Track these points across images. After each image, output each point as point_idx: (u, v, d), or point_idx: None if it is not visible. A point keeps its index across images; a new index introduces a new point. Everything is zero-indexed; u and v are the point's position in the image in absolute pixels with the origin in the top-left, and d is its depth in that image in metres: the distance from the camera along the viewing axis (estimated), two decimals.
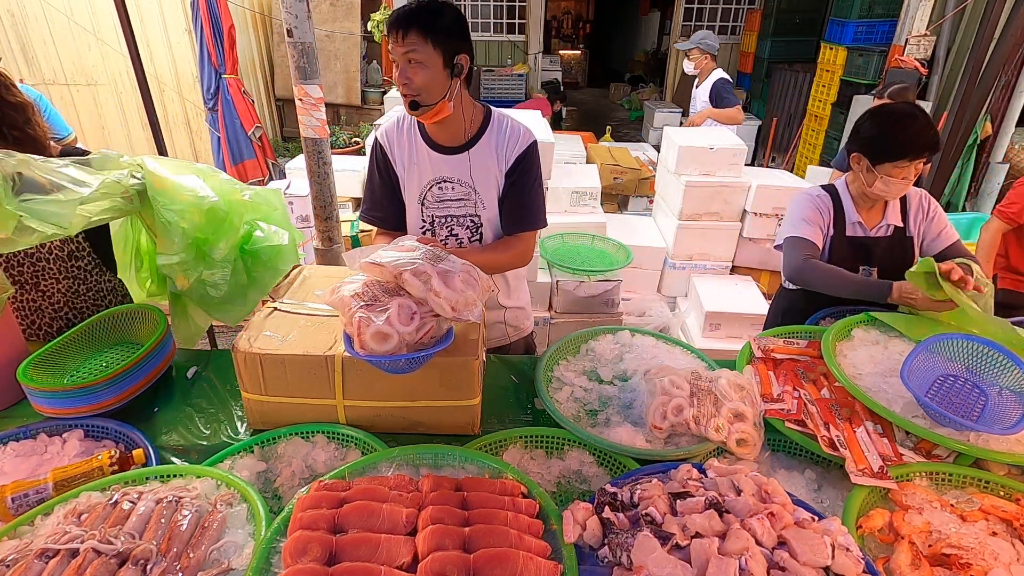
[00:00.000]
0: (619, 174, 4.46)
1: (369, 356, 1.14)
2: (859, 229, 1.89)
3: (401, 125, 1.67)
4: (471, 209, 1.68)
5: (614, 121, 9.70)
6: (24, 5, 5.39)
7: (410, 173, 1.67)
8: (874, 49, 6.02)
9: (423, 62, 1.45)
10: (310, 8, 2.39)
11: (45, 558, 0.92)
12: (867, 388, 1.37)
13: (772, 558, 0.89)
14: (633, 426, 1.33)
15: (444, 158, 1.63)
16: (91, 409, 1.36)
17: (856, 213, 1.88)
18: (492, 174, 1.65)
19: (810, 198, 1.92)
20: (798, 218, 1.89)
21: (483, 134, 1.64)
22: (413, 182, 1.67)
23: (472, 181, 1.65)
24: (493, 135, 1.64)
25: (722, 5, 9.26)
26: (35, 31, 5.53)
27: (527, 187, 1.67)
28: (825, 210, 1.88)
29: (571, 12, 15.06)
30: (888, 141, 1.73)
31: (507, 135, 1.64)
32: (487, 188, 1.66)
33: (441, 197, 1.67)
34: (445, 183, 1.65)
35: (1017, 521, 1.07)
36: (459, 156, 1.63)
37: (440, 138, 1.63)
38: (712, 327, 3.18)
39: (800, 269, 1.80)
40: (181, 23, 5.46)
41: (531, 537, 0.95)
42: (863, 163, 1.79)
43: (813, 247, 1.83)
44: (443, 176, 1.65)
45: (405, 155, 1.66)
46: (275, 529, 0.97)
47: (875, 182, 1.77)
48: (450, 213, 1.69)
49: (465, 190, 1.66)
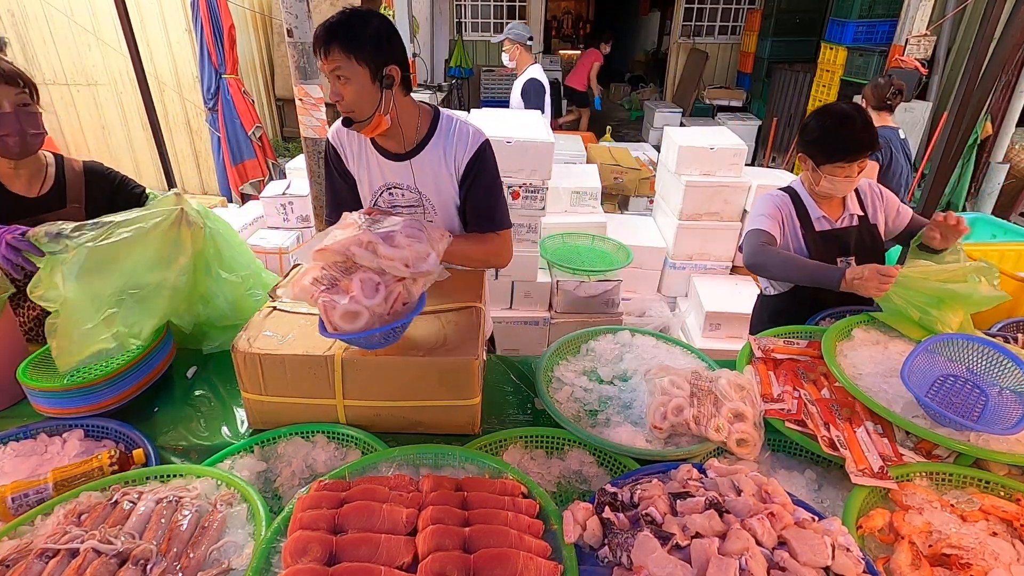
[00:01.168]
0: (619, 174, 4.46)
1: (344, 335, 1.14)
2: (825, 223, 1.91)
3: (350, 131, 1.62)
4: (421, 215, 1.66)
5: (614, 121, 9.70)
6: (24, 5, 5.39)
7: (361, 177, 1.66)
8: (874, 49, 6.03)
9: (350, 78, 1.41)
10: (310, 8, 2.39)
11: (45, 558, 0.92)
12: (867, 388, 1.37)
13: (772, 558, 0.89)
14: (633, 426, 1.33)
15: (391, 164, 1.61)
16: (91, 409, 1.36)
17: (818, 208, 1.91)
18: (442, 180, 1.62)
19: (770, 197, 1.96)
20: (757, 214, 1.93)
21: (430, 139, 1.60)
22: (364, 187, 1.66)
23: (420, 188, 1.62)
24: (440, 140, 1.60)
25: (722, 5, 9.26)
26: (35, 31, 5.52)
27: (484, 189, 1.63)
28: (784, 207, 1.92)
29: (571, 12, 15.07)
30: (828, 143, 1.78)
31: (455, 139, 1.59)
32: (436, 195, 1.63)
33: (392, 203, 1.66)
34: (395, 189, 1.64)
35: (1017, 521, 1.07)
36: (407, 162, 1.60)
37: (386, 145, 1.61)
38: (712, 327, 3.18)
39: (756, 254, 1.82)
40: (181, 23, 5.45)
41: (531, 537, 0.95)
42: (808, 163, 1.85)
43: (771, 237, 1.86)
44: (392, 182, 1.63)
45: (356, 159, 1.64)
46: (275, 529, 0.97)
47: (820, 181, 1.82)
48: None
49: (415, 196, 1.64)
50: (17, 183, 1.60)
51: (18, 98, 1.49)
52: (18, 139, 1.50)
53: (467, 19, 9.53)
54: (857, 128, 1.74)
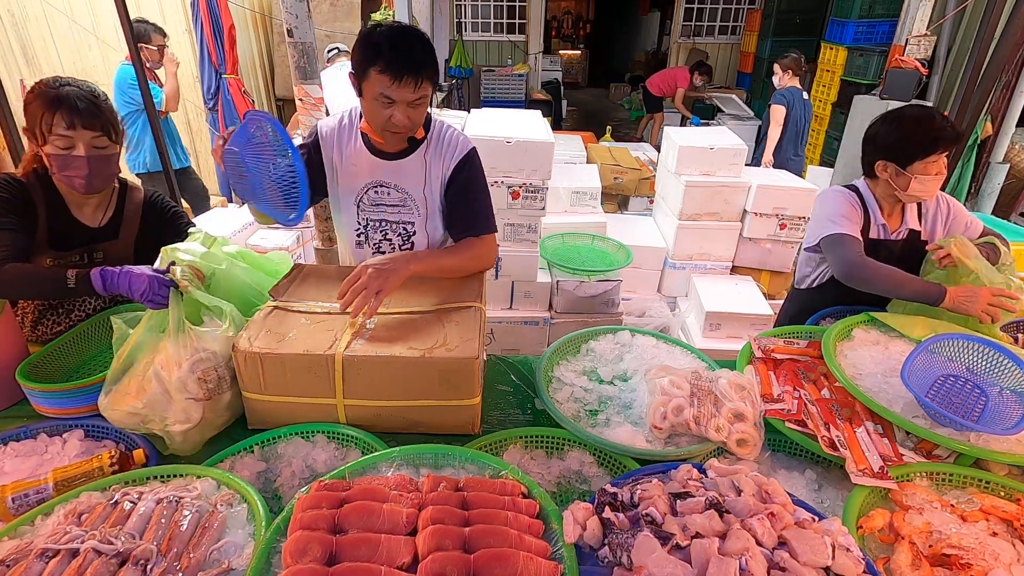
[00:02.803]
0: (619, 174, 4.46)
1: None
2: (882, 232, 1.86)
3: (342, 125, 1.65)
4: (406, 216, 1.68)
5: (614, 121, 9.70)
6: (24, 5, 5.39)
7: (346, 173, 1.65)
8: (874, 49, 6.03)
9: (426, 102, 1.47)
10: (310, 8, 2.39)
11: (45, 558, 0.92)
12: (867, 388, 1.37)
13: (772, 558, 0.89)
14: (633, 426, 1.33)
15: (381, 163, 1.63)
16: (91, 409, 1.36)
17: (880, 216, 1.86)
18: (429, 182, 1.65)
19: (841, 195, 1.87)
20: (836, 214, 1.83)
21: (422, 142, 1.63)
22: (349, 184, 1.66)
23: (407, 187, 1.64)
24: (431, 144, 1.64)
25: (722, 5, 9.27)
26: (35, 31, 5.52)
27: (471, 193, 1.66)
28: (857, 207, 1.85)
29: (571, 12, 15.06)
30: (916, 139, 1.71)
31: (445, 144, 1.64)
32: (421, 196, 1.66)
33: (377, 201, 1.66)
34: (381, 187, 1.65)
35: (1017, 521, 1.07)
36: (396, 162, 1.62)
37: (380, 143, 1.61)
38: (712, 327, 3.18)
39: (858, 266, 1.72)
40: (181, 23, 5.45)
41: (531, 537, 0.95)
42: (891, 168, 1.76)
43: (858, 243, 1.78)
44: (379, 180, 1.64)
45: (344, 156, 1.64)
46: (275, 529, 0.97)
47: (910, 184, 1.74)
48: (384, 218, 1.68)
49: (401, 196, 1.65)
50: (83, 212, 1.61)
51: (94, 141, 1.47)
52: (85, 182, 1.49)
53: (467, 19, 9.53)
54: (937, 121, 1.69)
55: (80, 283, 1.37)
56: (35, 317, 1.65)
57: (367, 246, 1.73)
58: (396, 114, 1.45)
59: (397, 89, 1.41)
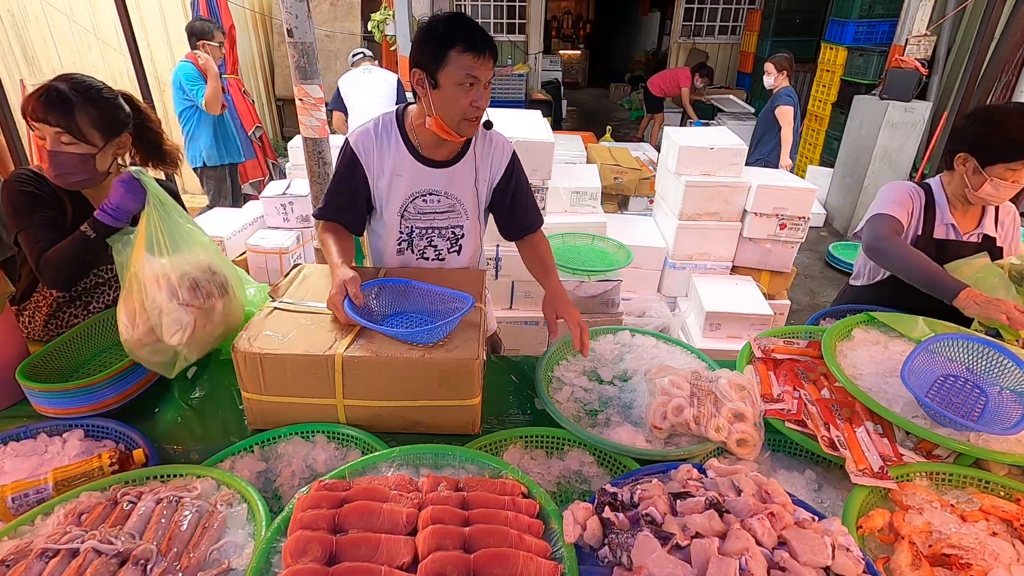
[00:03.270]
0: (619, 174, 4.46)
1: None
2: (951, 232, 1.80)
3: (379, 134, 1.59)
4: (455, 220, 1.68)
5: (614, 121, 9.70)
6: (24, 5, 5.39)
7: (393, 184, 1.62)
8: (874, 49, 6.03)
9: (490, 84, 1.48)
10: (310, 8, 2.39)
11: (45, 558, 0.92)
12: (867, 388, 1.36)
13: (772, 558, 0.89)
14: (633, 426, 1.33)
15: (429, 171, 1.61)
16: (91, 409, 1.36)
17: (950, 215, 1.79)
18: (478, 185, 1.66)
19: (904, 186, 1.84)
20: (888, 200, 1.80)
21: (469, 147, 1.64)
22: (394, 193, 1.63)
23: (457, 193, 1.65)
24: (479, 147, 1.65)
25: (722, 5, 9.27)
26: (35, 31, 5.52)
27: (523, 193, 1.73)
28: (917, 200, 1.81)
29: (571, 12, 15.06)
30: (1003, 141, 1.62)
31: (492, 147, 1.67)
32: (470, 199, 1.67)
33: (424, 209, 1.65)
34: (430, 195, 1.64)
35: (1017, 521, 1.07)
36: (447, 169, 1.62)
37: (431, 151, 1.60)
38: (712, 327, 3.18)
39: (881, 238, 1.70)
40: (181, 23, 5.45)
41: (531, 537, 0.95)
42: (970, 164, 1.69)
43: (899, 225, 1.74)
44: (428, 189, 1.63)
45: (387, 166, 1.60)
46: (275, 529, 0.97)
47: (983, 185, 1.68)
48: (433, 225, 1.68)
49: (451, 202, 1.65)
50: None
51: (59, 137, 1.44)
52: (56, 176, 1.48)
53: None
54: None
55: (95, 228, 1.45)
56: (51, 311, 1.64)
57: (410, 252, 1.72)
58: (477, 96, 1.44)
59: (480, 66, 1.41)
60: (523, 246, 1.79)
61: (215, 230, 3.74)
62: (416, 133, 1.59)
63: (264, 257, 3.74)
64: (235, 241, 3.79)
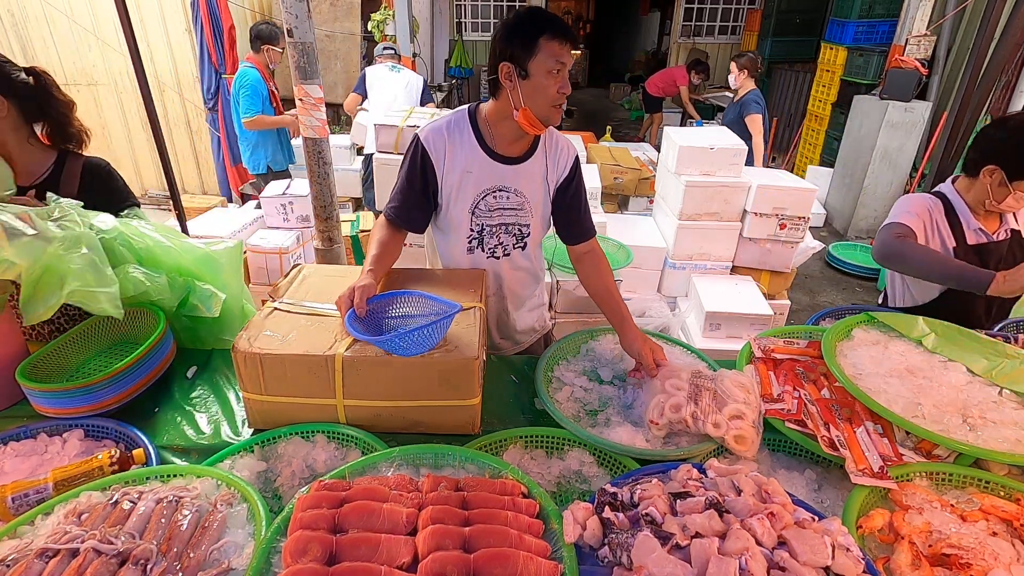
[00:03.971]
0: (619, 174, 4.46)
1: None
2: (982, 236, 1.79)
3: (451, 132, 1.61)
4: (523, 218, 1.70)
5: (614, 121, 9.71)
6: (24, 5, 5.39)
7: (464, 181, 1.62)
8: (874, 49, 6.03)
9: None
10: (310, 8, 2.39)
11: (45, 558, 0.92)
12: (867, 388, 1.36)
13: (772, 558, 0.89)
14: (633, 426, 1.33)
15: (502, 168, 1.64)
16: (91, 409, 1.36)
17: (974, 220, 1.79)
18: (543, 184, 1.69)
19: (918, 197, 1.83)
20: (900, 211, 1.79)
21: (538, 145, 1.67)
22: (466, 191, 1.64)
23: (526, 190, 1.67)
24: (546, 147, 1.68)
25: (722, 5, 9.27)
26: (35, 31, 5.52)
27: (582, 198, 1.76)
28: (934, 210, 1.80)
29: (571, 12, 15.06)
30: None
31: (558, 147, 1.70)
32: (536, 197, 1.70)
33: (495, 206, 1.66)
34: (501, 192, 1.65)
35: (1017, 521, 1.07)
36: (518, 166, 1.65)
37: (504, 147, 1.63)
38: (712, 327, 3.18)
39: (890, 244, 1.67)
40: (181, 23, 5.45)
41: (531, 537, 0.95)
42: (997, 176, 1.69)
43: (909, 231, 1.72)
44: (500, 185, 1.65)
45: (458, 163, 1.61)
46: (275, 529, 0.97)
47: (1006, 198, 1.68)
48: (503, 222, 1.69)
49: (520, 199, 1.67)
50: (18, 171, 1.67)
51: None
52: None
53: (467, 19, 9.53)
54: None
55: None
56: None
57: (480, 250, 1.72)
58: (564, 83, 1.49)
59: (566, 52, 1.46)
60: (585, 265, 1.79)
61: (215, 230, 3.74)
62: (492, 129, 1.62)
63: (264, 257, 3.74)
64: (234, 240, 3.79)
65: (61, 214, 1.43)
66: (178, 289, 1.63)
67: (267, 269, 3.77)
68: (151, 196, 6.07)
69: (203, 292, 1.66)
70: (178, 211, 3.16)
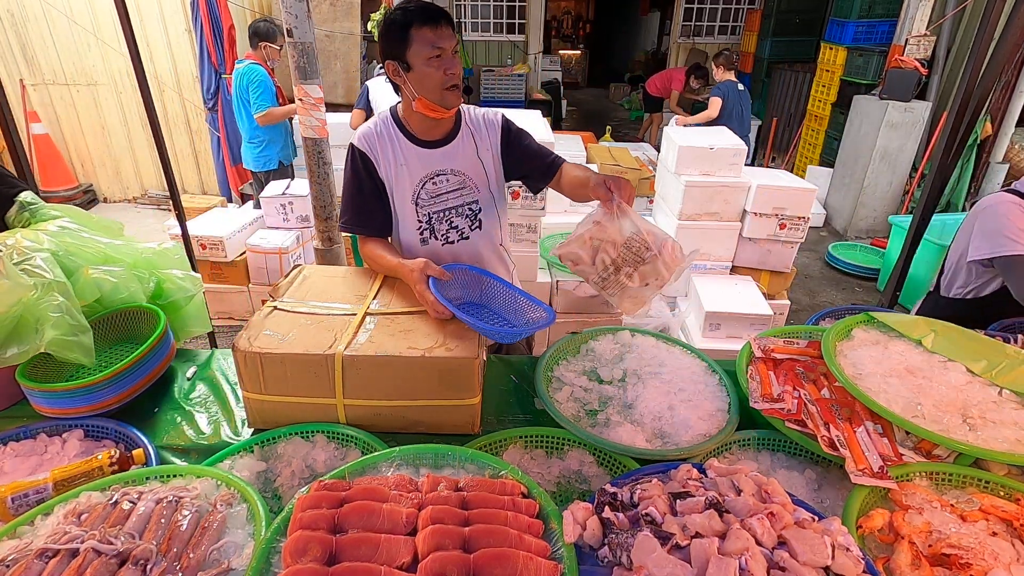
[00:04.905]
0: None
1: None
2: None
3: (380, 132, 1.66)
4: (468, 196, 1.72)
5: (614, 121, 9.71)
6: (24, 5, 5.39)
7: (399, 174, 1.66)
8: (874, 49, 6.02)
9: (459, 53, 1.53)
10: (310, 8, 2.39)
11: (45, 558, 0.92)
12: (867, 388, 1.36)
13: (772, 558, 0.89)
14: (633, 426, 1.33)
15: (432, 153, 1.67)
16: (91, 409, 1.36)
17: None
18: (480, 158, 1.71)
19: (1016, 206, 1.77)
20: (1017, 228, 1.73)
21: (460, 123, 1.71)
22: (404, 183, 1.67)
23: (463, 168, 1.69)
24: (469, 123, 1.72)
25: (722, 5, 9.26)
26: (35, 31, 5.52)
27: (531, 145, 1.78)
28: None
29: (571, 12, 15.06)
30: None
31: (480, 124, 1.73)
32: (477, 172, 1.72)
33: (435, 192, 1.69)
34: (438, 176, 1.68)
35: (1017, 521, 1.07)
36: (446, 148, 1.68)
37: (427, 134, 1.66)
38: (712, 327, 3.18)
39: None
40: (181, 23, 5.45)
41: (531, 537, 0.95)
42: None
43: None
44: (436, 170, 1.67)
45: (390, 157, 1.65)
46: (275, 529, 0.97)
47: None
48: (447, 206, 1.71)
49: (459, 179, 1.69)
50: None
51: None
52: None
53: (467, 19, 9.52)
54: None
55: None
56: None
57: (433, 239, 1.74)
58: (448, 65, 1.51)
59: (440, 36, 1.48)
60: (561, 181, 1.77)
61: (215, 230, 3.74)
62: (409, 121, 1.66)
63: (264, 257, 3.74)
64: (235, 241, 3.79)
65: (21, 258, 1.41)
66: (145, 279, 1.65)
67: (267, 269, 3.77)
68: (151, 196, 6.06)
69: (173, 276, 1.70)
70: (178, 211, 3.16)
